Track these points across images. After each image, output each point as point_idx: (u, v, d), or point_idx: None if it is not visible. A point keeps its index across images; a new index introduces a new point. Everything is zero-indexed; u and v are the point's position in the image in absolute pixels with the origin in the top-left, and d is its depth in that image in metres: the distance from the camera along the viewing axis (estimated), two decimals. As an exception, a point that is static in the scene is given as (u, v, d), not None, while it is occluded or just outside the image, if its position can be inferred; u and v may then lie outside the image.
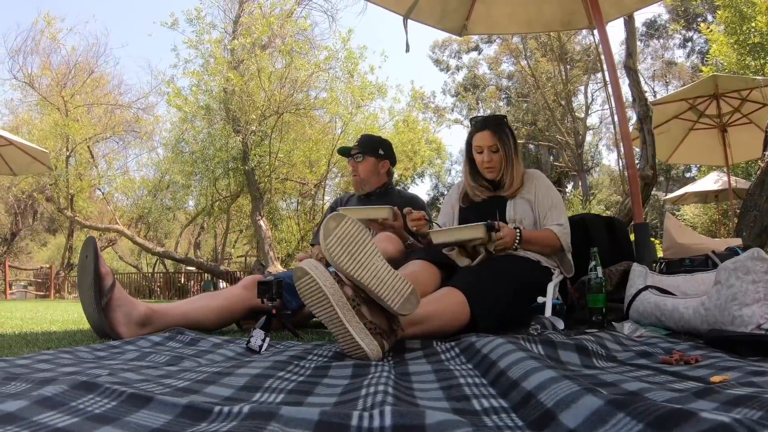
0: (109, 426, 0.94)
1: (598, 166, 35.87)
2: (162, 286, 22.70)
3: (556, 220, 3.11)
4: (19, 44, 21.18)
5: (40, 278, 24.71)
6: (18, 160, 12.86)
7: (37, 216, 32.14)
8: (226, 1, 19.37)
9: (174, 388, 1.28)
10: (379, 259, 1.90)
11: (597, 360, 1.72)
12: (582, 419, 0.89)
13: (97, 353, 1.99)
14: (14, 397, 1.13)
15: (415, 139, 20.12)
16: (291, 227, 18.82)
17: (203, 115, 17.49)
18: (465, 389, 1.30)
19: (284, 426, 0.88)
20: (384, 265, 1.89)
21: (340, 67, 16.93)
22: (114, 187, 21.72)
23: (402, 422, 0.89)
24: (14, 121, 22.80)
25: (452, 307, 2.36)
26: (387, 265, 1.90)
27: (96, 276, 2.52)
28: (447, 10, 5.62)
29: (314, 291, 1.82)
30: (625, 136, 4.93)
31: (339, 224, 1.89)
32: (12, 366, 1.65)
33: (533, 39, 29.15)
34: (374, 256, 1.89)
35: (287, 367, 1.57)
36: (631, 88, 7.12)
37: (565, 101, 30.56)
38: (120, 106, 23.48)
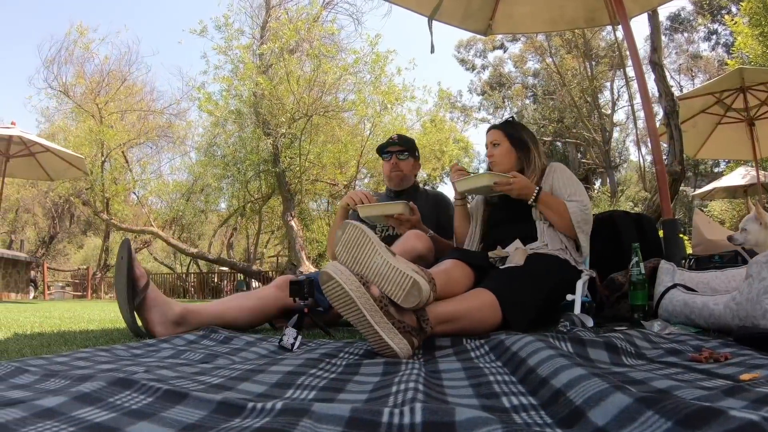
0: (146, 421, 0.96)
1: (625, 163, 35.48)
2: (196, 287, 22.89)
3: (575, 198, 3.09)
4: (53, 54, 21.50)
5: (77, 279, 25.06)
6: (55, 166, 13.02)
7: (74, 219, 32.56)
8: (254, 8, 19.51)
9: (208, 384, 1.29)
10: (378, 257, 1.93)
11: (626, 358, 1.70)
12: (611, 417, 0.88)
13: (134, 351, 2.02)
14: (53, 393, 1.15)
15: (442, 138, 20.05)
16: (322, 227, 18.88)
17: (234, 119, 17.60)
18: (494, 387, 1.30)
19: (316, 422, 0.88)
20: (384, 262, 1.92)
21: (367, 70, 16.93)
22: (148, 191, 21.99)
23: (432, 419, 0.89)
24: (50, 128, 23.11)
25: (483, 307, 2.34)
26: (388, 262, 1.92)
27: (129, 277, 2.55)
28: (471, 11, 5.60)
29: (341, 294, 1.83)
30: (651, 132, 4.87)
31: (344, 232, 2.04)
32: (51, 363, 1.67)
33: (558, 36, 28.86)
34: (374, 255, 1.94)
35: (319, 365, 1.57)
36: (657, 83, 7.00)
37: (591, 98, 30.26)
38: (153, 112, 23.72)
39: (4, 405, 1.05)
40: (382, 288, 1.89)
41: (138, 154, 23.99)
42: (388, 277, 1.89)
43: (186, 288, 22.99)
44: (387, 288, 1.88)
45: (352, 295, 1.80)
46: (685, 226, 16.03)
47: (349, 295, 1.80)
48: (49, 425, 0.91)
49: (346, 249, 2.00)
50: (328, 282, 1.85)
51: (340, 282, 1.81)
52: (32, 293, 20.01)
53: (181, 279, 24.17)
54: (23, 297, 18.43)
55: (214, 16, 19.01)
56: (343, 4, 20.20)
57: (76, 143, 18.92)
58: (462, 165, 3.48)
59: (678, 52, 31.92)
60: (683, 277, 2.93)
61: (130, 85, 23.26)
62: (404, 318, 1.87)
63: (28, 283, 19.57)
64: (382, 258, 1.92)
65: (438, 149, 19.71)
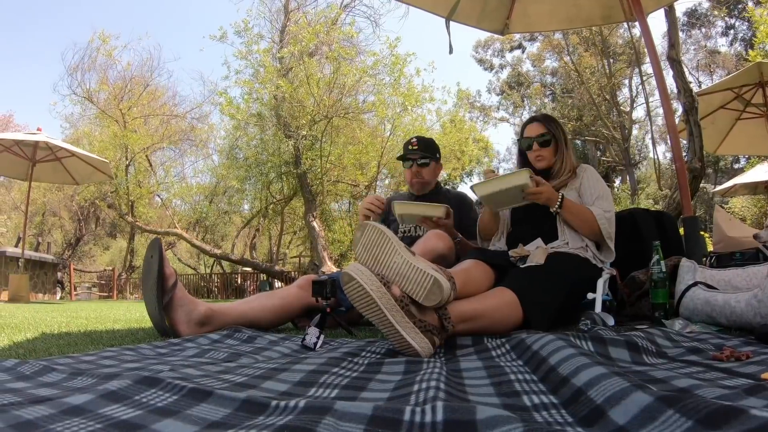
0: (171, 418, 0.96)
1: (645, 160, 35.19)
2: (219, 287, 23.00)
3: (600, 206, 3.05)
4: (76, 62, 21.72)
5: (103, 280, 25.34)
6: (80, 170, 13.18)
7: (100, 222, 32.81)
8: (272, 12, 19.62)
9: (232, 383, 1.30)
10: (398, 257, 1.93)
11: (647, 356, 1.68)
12: (632, 416, 0.88)
13: (159, 350, 2.03)
14: (81, 391, 1.16)
15: (462, 138, 20.02)
16: (343, 228, 18.92)
17: (256, 122, 17.69)
18: (515, 385, 1.29)
19: (338, 420, 0.89)
20: (404, 262, 1.91)
21: (387, 72, 16.93)
22: (172, 193, 22.14)
23: (453, 417, 0.89)
24: (75, 133, 23.32)
25: (503, 306, 2.32)
26: (408, 262, 1.91)
27: (160, 275, 2.57)
28: (487, 11, 5.58)
29: (362, 295, 1.83)
30: (671, 129, 4.83)
31: (363, 233, 2.04)
32: (78, 362, 1.69)
33: (575, 34, 28.73)
34: (394, 255, 1.93)
35: (341, 364, 1.57)
36: (676, 79, 6.92)
37: (610, 95, 30.08)
38: (175, 116, 23.91)
39: (33, 402, 1.06)
40: (403, 287, 1.88)
41: (161, 157, 24.25)
42: (409, 276, 1.88)
43: (210, 288, 23.10)
44: (408, 287, 1.87)
45: (373, 295, 1.80)
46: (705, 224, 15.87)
47: (370, 295, 1.80)
48: (76, 422, 0.92)
49: (366, 249, 2.00)
50: (349, 283, 1.85)
51: (361, 282, 1.81)
52: (59, 294, 20.28)
53: (204, 279, 24.30)
54: (50, 297, 18.70)
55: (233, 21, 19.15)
56: (361, 6, 20.30)
57: (100, 148, 19.14)
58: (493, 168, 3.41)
59: (696, 48, 31.61)
60: (704, 275, 2.89)
61: (153, 90, 23.48)
62: (425, 317, 1.87)
63: (55, 284, 19.84)
64: (402, 257, 1.91)
65: (458, 149, 19.69)
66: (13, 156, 12.22)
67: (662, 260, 2.96)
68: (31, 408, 1.01)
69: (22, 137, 11.62)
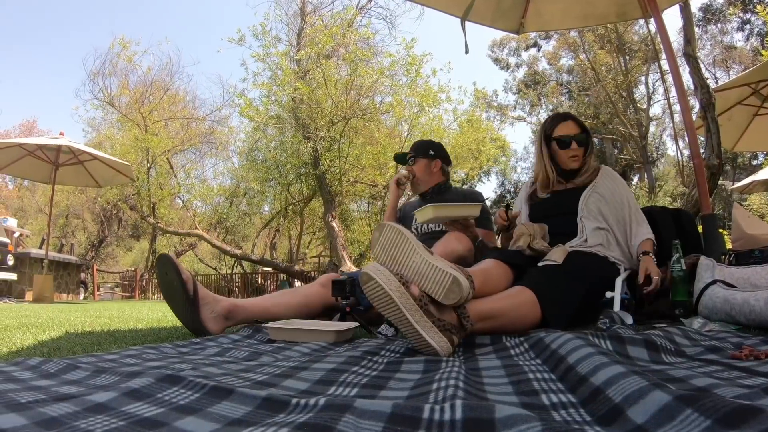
0: (193, 416, 0.97)
1: (663, 157, 34.93)
2: (240, 287, 23.07)
3: (642, 223, 3.11)
4: (97, 67, 21.88)
5: (125, 280, 25.53)
6: (102, 173, 13.29)
7: (122, 223, 33.09)
8: (289, 15, 19.69)
9: (253, 381, 1.30)
10: (417, 256, 1.92)
11: (666, 355, 1.67)
12: (650, 415, 0.87)
13: (180, 349, 2.04)
14: (104, 388, 1.17)
15: (479, 138, 20.00)
16: (362, 228, 18.94)
17: (274, 124, 17.74)
18: (534, 384, 1.29)
19: (358, 418, 0.89)
20: (423, 260, 1.90)
21: (403, 73, 16.92)
22: (193, 195, 22.23)
23: (472, 415, 0.89)
24: (97, 137, 23.54)
25: (522, 305, 2.30)
26: (427, 260, 1.90)
27: (185, 290, 2.59)
28: (502, 10, 5.56)
29: (381, 295, 1.83)
30: (688, 126, 4.77)
31: (381, 233, 2.04)
32: (101, 361, 1.71)
33: (590, 32, 28.52)
34: (413, 254, 1.92)
35: (361, 362, 1.57)
36: (692, 75, 6.83)
37: (627, 93, 29.86)
38: (195, 119, 24.02)
39: (57, 400, 1.08)
40: (422, 286, 1.87)
41: (182, 160, 24.41)
42: (428, 275, 1.87)
43: (230, 288, 23.18)
44: (427, 286, 1.86)
45: (392, 294, 1.80)
46: (724, 221, 15.72)
47: (389, 294, 1.80)
48: (100, 419, 0.93)
49: (385, 250, 2.00)
50: (368, 282, 1.86)
51: (380, 282, 1.81)
52: (83, 294, 20.42)
53: (225, 279, 24.39)
54: (74, 298, 18.84)
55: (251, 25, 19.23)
56: (377, 8, 20.29)
57: (122, 151, 19.28)
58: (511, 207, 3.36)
59: (712, 44, 31.24)
60: (723, 273, 2.86)
61: (173, 94, 23.63)
62: (444, 316, 1.86)
63: (79, 285, 19.99)
64: (421, 257, 1.90)
65: (475, 149, 19.68)
66: (36, 160, 12.36)
67: (682, 258, 2.94)
68: (55, 405, 1.03)
69: (45, 141, 11.73)
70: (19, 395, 1.13)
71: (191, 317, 2.62)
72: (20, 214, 32.26)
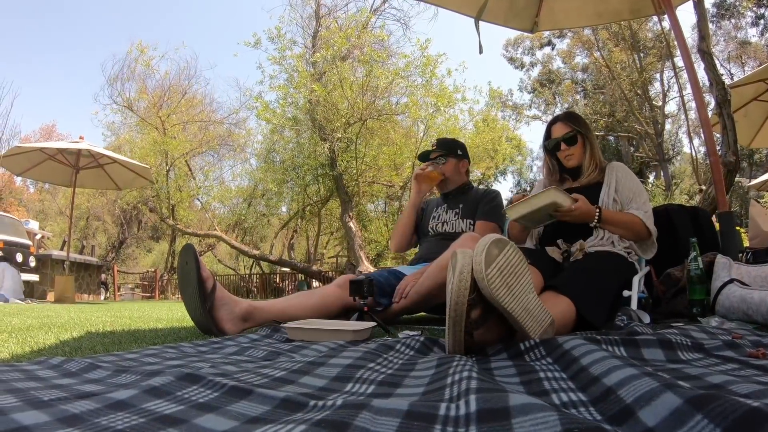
0: (212, 414, 0.98)
1: (679, 155, 34.64)
2: (258, 287, 23.15)
3: (641, 207, 2.99)
4: (116, 72, 22.14)
5: (145, 281, 25.71)
6: (122, 176, 13.37)
7: (142, 225, 33.32)
8: (304, 18, 19.78)
9: (271, 378, 1.31)
10: (531, 292, 1.79)
11: (682, 352, 1.64)
12: (661, 418, 0.86)
13: (200, 348, 2.05)
14: (125, 387, 1.18)
15: (495, 137, 19.96)
16: (379, 228, 18.93)
17: (291, 126, 17.82)
18: (545, 384, 1.28)
19: (375, 415, 0.89)
20: (534, 298, 1.81)
21: (418, 74, 16.93)
22: (211, 197, 22.36)
23: (487, 406, 0.89)
24: (116, 141, 23.70)
25: (561, 316, 2.20)
26: (536, 297, 1.82)
27: (199, 281, 2.60)
28: (516, 9, 5.54)
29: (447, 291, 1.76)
30: (704, 123, 4.72)
31: (502, 251, 1.74)
32: (122, 360, 1.72)
33: (604, 29, 28.33)
34: (528, 290, 1.78)
35: (377, 359, 1.57)
36: (707, 72, 6.74)
37: (642, 90, 29.64)
38: (213, 122, 24.16)
39: (79, 397, 1.09)
40: (524, 322, 1.76)
41: (200, 162, 24.54)
42: (533, 313, 1.79)
43: (249, 288, 23.27)
44: (527, 323, 1.78)
45: (449, 303, 1.70)
46: (741, 219, 15.58)
47: (449, 303, 1.72)
48: (120, 416, 0.94)
49: (501, 274, 1.71)
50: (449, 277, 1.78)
51: (449, 290, 1.72)
52: (103, 294, 20.63)
53: (244, 280, 24.47)
54: (95, 298, 19.02)
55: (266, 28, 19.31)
56: (391, 9, 20.31)
57: (141, 154, 19.46)
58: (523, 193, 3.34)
59: (726, 40, 30.89)
60: (740, 271, 2.84)
61: (191, 97, 23.81)
62: (483, 340, 1.82)
63: (100, 285, 20.19)
64: (533, 293, 1.81)
65: (491, 148, 19.65)
66: (57, 164, 12.47)
67: (699, 257, 2.91)
68: (77, 403, 1.03)
69: (65, 146, 11.85)
70: (41, 393, 1.15)
71: (200, 311, 2.63)
72: (41, 216, 32.61)
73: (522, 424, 0.83)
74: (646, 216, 2.93)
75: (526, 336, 1.79)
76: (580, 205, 2.77)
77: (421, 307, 3.40)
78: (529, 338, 1.78)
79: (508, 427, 0.83)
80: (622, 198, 3.05)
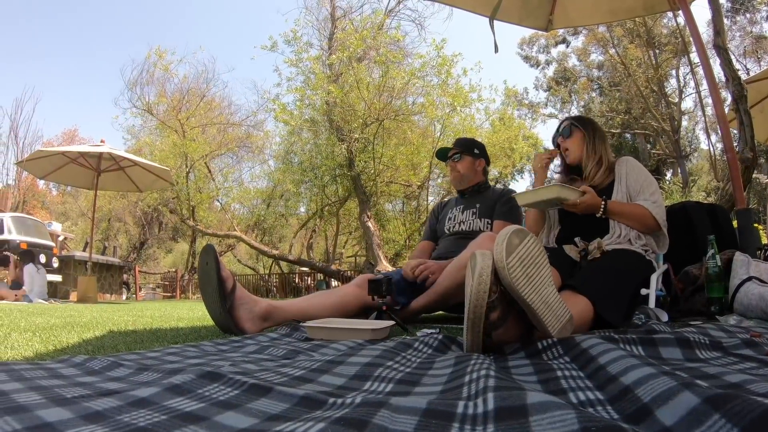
0: (233, 411, 0.98)
1: (696, 152, 34.31)
2: (278, 286, 23.25)
3: (648, 197, 2.95)
4: (135, 77, 22.44)
5: (166, 281, 25.99)
6: (143, 179, 13.48)
7: (163, 226, 33.54)
8: (320, 21, 19.90)
9: (291, 376, 1.31)
10: (551, 284, 1.77)
11: (700, 351, 1.62)
12: (678, 417, 0.85)
13: (220, 347, 2.06)
14: (147, 384, 1.19)
15: (511, 136, 19.89)
16: (398, 227, 18.95)
17: (309, 128, 17.91)
18: (562, 382, 1.27)
19: (393, 413, 0.89)
20: (553, 291, 1.78)
21: (434, 74, 16.92)
22: (231, 198, 22.51)
23: (504, 404, 0.89)
24: (137, 144, 23.91)
25: (579, 315, 2.18)
26: (555, 291, 1.79)
27: (219, 281, 2.62)
28: (530, 8, 5.52)
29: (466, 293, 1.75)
30: (720, 119, 4.68)
31: (522, 241, 1.72)
32: (144, 358, 1.73)
33: (619, 26, 28.05)
34: (548, 282, 1.77)
35: (395, 358, 1.57)
36: (723, 67, 6.66)
37: (658, 87, 29.37)
38: (231, 124, 24.34)
39: (102, 395, 1.10)
40: (543, 316, 1.74)
41: (220, 164, 24.68)
42: (553, 307, 1.77)
43: (268, 288, 23.36)
44: (547, 317, 1.75)
45: (468, 305, 1.68)
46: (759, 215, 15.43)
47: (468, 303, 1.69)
48: (143, 413, 0.95)
49: (522, 264, 1.69)
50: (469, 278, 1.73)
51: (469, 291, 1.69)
52: (125, 294, 20.84)
53: (263, 279, 24.57)
54: (117, 298, 19.22)
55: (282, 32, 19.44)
56: (406, 10, 20.29)
57: (161, 157, 19.61)
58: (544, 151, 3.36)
59: (741, 35, 30.46)
60: (758, 268, 2.81)
61: (209, 100, 23.98)
62: (501, 341, 1.79)
63: (121, 285, 20.43)
64: (553, 288, 1.79)
65: (508, 147, 19.57)
66: (79, 167, 12.61)
67: (717, 254, 2.88)
68: (99, 400, 1.04)
69: (86, 149, 11.95)
70: (64, 391, 1.16)
71: (220, 311, 2.65)
72: (64, 218, 32.90)
73: (539, 422, 0.83)
74: (654, 206, 2.90)
75: (545, 331, 1.77)
76: (586, 198, 2.82)
77: (439, 306, 3.40)
78: (548, 334, 1.76)
79: (525, 425, 0.83)
80: (630, 190, 3.02)
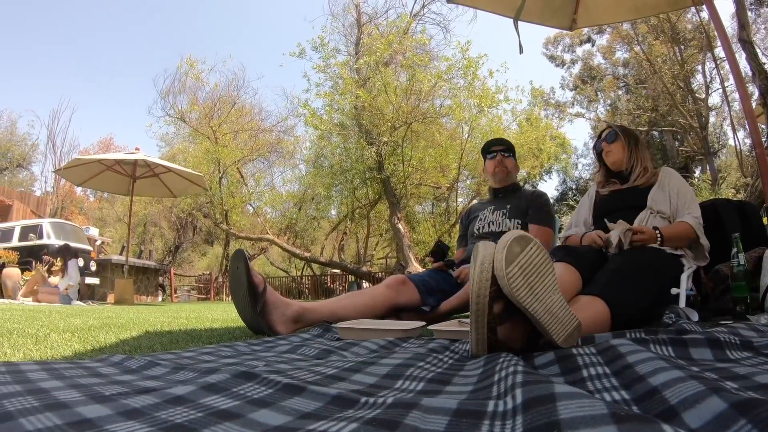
0: (267, 409, 0.99)
1: (725, 148, 33.68)
2: (310, 288, 23.37)
3: (692, 212, 2.95)
4: (167, 86, 22.76)
5: (201, 283, 26.18)
6: (177, 184, 13.66)
7: (197, 230, 33.82)
8: (346, 27, 19.99)
9: (323, 375, 1.32)
10: (556, 293, 1.68)
11: (731, 351, 1.58)
12: (704, 421, 0.84)
13: (254, 347, 2.07)
14: (183, 383, 1.21)
15: (539, 136, 19.80)
16: (428, 229, 18.93)
17: (338, 132, 17.95)
18: (588, 384, 1.26)
19: (424, 413, 0.90)
20: (559, 299, 1.69)
21: (461, 76, 16.89)
22: (263, 202, 22.70)
23: (533, 395, 0.89)
24: (170, 151, 24.26)
25: (594, 321, 2.17)
26: (561, 299, 1.70)
27: (249, 285, 2.63)
28: (554, 7, 5.47)
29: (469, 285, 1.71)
30: (748, 114, 4.59)
31: (524, 250, 1.62)
32: (179, 358, 1.76)
33: (643, 23, 27.64)
34: (552, 290, 1.67)
35: (426, 358, 1.56)
36: (749, 62, 6.53)
37: (684, 83, 28.89)
38: (262, 130, 24.54)
39: (139, 393, 1.11)
40: (547, 325, 1.65)
41: (252, 169, 24.94)
42: (557, 315, 1.68)
43: (301, 290, 23.49)
44: (551, 326, 1.67)
45: (472, 298, 1.64)
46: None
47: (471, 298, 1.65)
48: (179, 410, 0.96)
49: (523, 274, 1.59)
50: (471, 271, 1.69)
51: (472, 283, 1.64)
52: (161, 296, 21.07)
53: (296, 281, 24.71)
54: (153, 300, 19.46)
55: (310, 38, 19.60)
56: (430, 14, 20.25)
57: (194, 163, 19.87)
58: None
59: (766, 27, 29.84)
60: (791, 265, 2.75)
61: (240, 107, 24.21)
62: (507, 339, 1.69)
63: (157, 288, 20.66)
64: (558, 294, 1.70)
65: (535, 147, 19.49)
66: (115, 174, 12.82)
67: (741, 252, 2.83)
68: (137, 397, 1.06)
69: (122, 157, 12.16)
70: (103, 389, 1.18)
71: (251, 314, 2.67)
72: (101, 223, 33.43)
73: (567, 405, 0.83)
74: (696, 221, 2.90)
75: (550, 339, 1.69)
76: (641, 238, 2.79)
77: (467, 308, 3.40)
78: (554, 342, 1.69)
79: (552, 409, 0.83)
80: (672, 199, 3.01)
